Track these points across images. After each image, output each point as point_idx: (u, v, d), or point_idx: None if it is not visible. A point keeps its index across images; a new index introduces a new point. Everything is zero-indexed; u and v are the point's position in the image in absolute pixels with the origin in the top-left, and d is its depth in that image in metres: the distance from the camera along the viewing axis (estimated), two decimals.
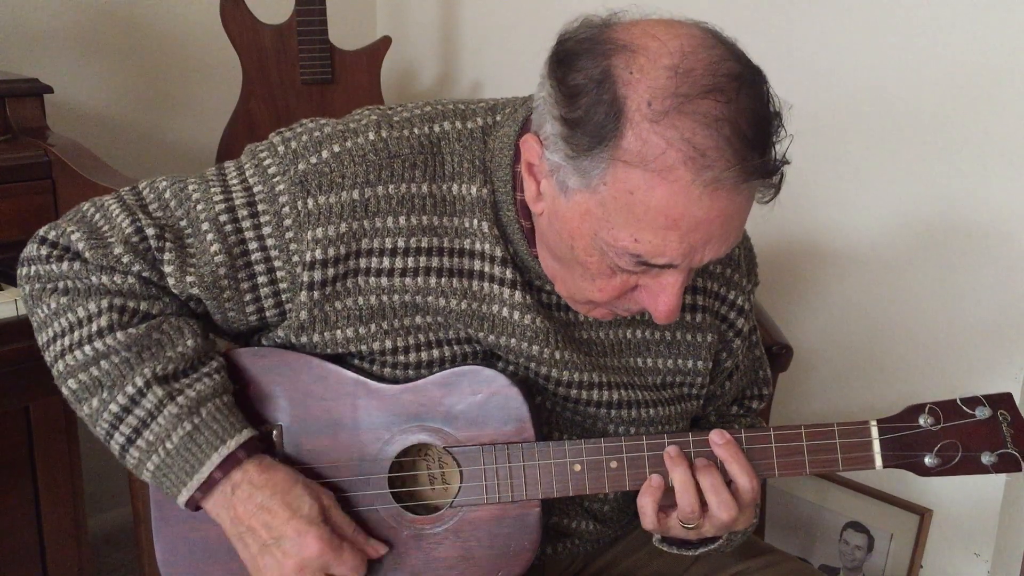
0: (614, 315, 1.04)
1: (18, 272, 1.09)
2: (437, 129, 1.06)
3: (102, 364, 1.02)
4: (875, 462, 1.03)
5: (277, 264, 1.05)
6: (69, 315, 1.04)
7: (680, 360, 1.16)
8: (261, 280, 1.06)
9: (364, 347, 1.06)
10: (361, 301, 1.05)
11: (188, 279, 1.04)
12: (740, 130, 0.87)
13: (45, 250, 1.06)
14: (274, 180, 1.04)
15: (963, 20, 1.68)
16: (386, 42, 2.29)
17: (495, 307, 1.06)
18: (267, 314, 1.08)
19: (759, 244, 1.25)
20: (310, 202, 1.03)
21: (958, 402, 1.03)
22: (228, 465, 1.01)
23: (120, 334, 1.03)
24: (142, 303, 1.05)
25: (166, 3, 2.26)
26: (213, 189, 1.06)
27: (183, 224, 1.05)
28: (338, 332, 1.06)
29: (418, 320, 1.07)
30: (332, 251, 1.03)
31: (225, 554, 1.07)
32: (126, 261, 1.03)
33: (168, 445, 1.01)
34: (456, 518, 1.07)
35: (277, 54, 2.18)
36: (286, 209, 1.03)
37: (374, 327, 1.06)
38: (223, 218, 1.04)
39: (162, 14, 2.26)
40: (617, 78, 0.88)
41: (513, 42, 2.40)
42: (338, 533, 1.03)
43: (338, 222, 1.03)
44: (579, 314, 1.10)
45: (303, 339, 1.07)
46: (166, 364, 1.03)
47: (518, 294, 1.06)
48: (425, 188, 1.04)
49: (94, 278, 1.04)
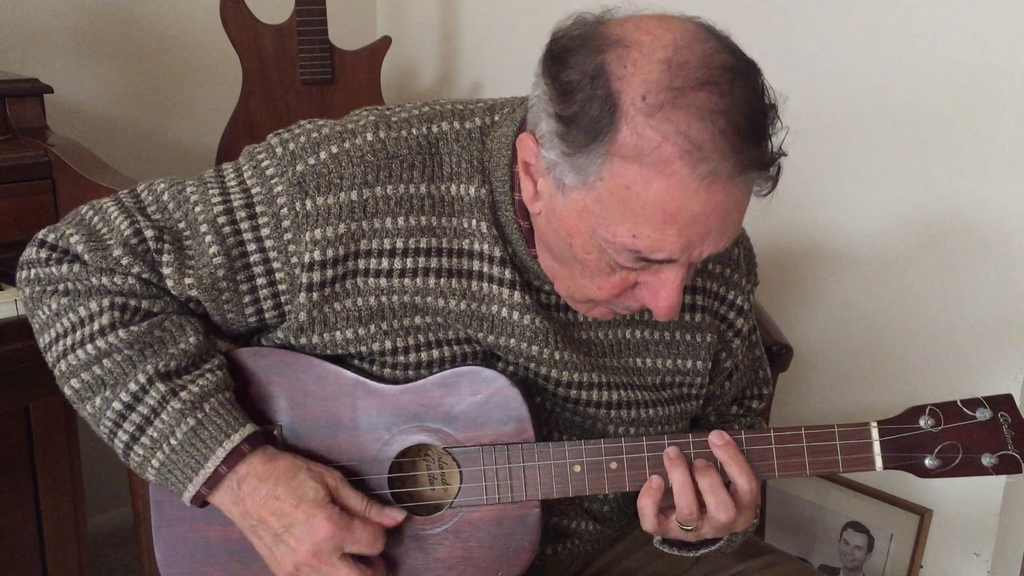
0: (614, 314, 1.04)
1: (17, 275, 1.09)
2: (435, 129, 1.06)
3: (104, 362, 1.02)
4: (875, 464, 1.03)
5: (276, 266, 1.05)
6: (71, 315, 1.04)
7: (679, 360, 1.16)
8: (260, 282, 1.06)
9: (364, 348, 1.06)
10: (360, 302, 1.05)
11: (187, 281, 1.04)
12: (735, 122, 0.87)
13: (44, 253, 1.06)
14: (272, 182, 1.04)
15: (963, 20, 1.68)
16: (386, 42, 2.28)
17: (494, 307, 1.06)
18: (266, 315, 1.08)
19: (759, 244, 1.25)
20: (308, 203, 1.03)
21: (958, 404, 1.03)
22: (233, 459, 1.01)
23: (122, 332, 1.03)
24: (143, 302, 1.05)
25: (166, 3, 2.26)
26: (211, 191, 1.06)
27: (181, 226, 1.05)
28: (337, 333, 1.06)
29: (417, 321, 1.07)
30: (331, 252, 1.03)
31: (224, 554, 1.07)
32: (125, 263, 1.03)
33: (172, 441, 1.01)
34: (456, 519, 1.07)
35: (277, 54, 2.18)
36: (284, 211, 1.03)
37: (373, 328, 1.06)
38: (221, 220, 1.04)
39: (162, 14, 2.26)
40: (611, 73, 0.88)
41: (513, 42, 2.40)
42: (348, 511, 1.03)
43: (336, 223, 1.03)
44: (578, 314, 1.10)
45: (302, 340, 1.07)
46: (168, 361, 1.03)
47: (517, 294, 1.06)
48: (424, 188, 1.04)
49: (94, 279, 1.04)
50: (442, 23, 2.57)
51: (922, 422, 1.03)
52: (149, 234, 1.04)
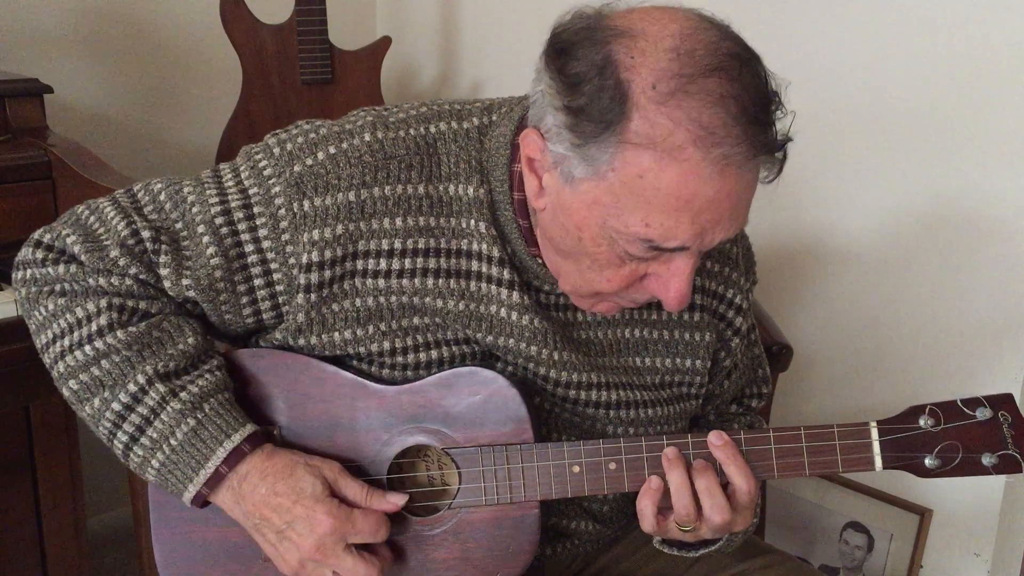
0: (619, 308, 1.04)
1: (13, 276, 1.09)
2: (433, 130, 1.06)
3: (103, 363, 1.02)
4: (875, 464, 1.03)
5: (273, 266, 1.05)
6: (68, 316, 1.04)
7: (679, 359, 1.16)
8: (257, 283, 1.06)
9: (362, 349, 1.06)
10: (359, 303, 1.05)
11: (184, 282, 1.04)
12: (745, 107, 0.87)
13: (40, 253, 1.06)
14: (270, 182, 1.04)
15: (963, 20, 1.68)
16: (386, 42, 2.28)
17: (493, 308, 1.06)
18: (264, 316, 1.08)
19: (758, 244, 1.25)
20: (306, 204, 1.02)
21: (958, 403, 1.03)
22: (234, 459, 1.01)
23: (120, 333, 1.03)
24: (141, 302, 1.05)
25: (166, 3, 2.26)
26: (209, 191, 1.06)
27: (179, 227, 1.05)
28: (336, 334, 1.06)
29: (416, 321, 1.07)
30: (329, 253, 1.03)
31: (223, 556, 1.07)
32: (122, 264, 1.03)
33: (172, 442, 1.01)
34: (455, 519, 1.07)
35: (277, 54, 2.18)
36: (282, 211, 1.03)
37: (372, 329, 1.06)
38: (219, 220, 1.04)
39: (162, 14, 2.26)
40: (619, 63, 0.89)
41: (513, 42, 2.40)
42: (348, 502, 1.03)
43: (334, 224, 1.03)
44: (578, 314, 1.10)
45: (300, 341, 1.06)
46: (167, 361, 1.03)
47: (516, 294, 1.06)
48: (422, 189, 1.04)
49: (91, 280, 1.04)
50: (442, 23, 2.57)
51: (922, 422, 1.03)
52: (146, 235, 1.04)
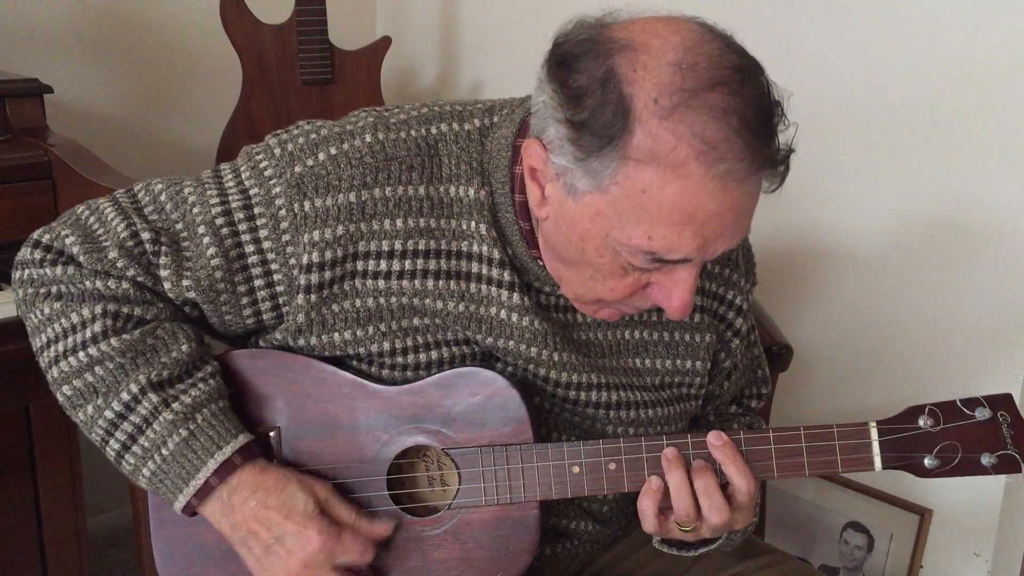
0: (621, 314, 1.04)
1: (12, 275, 1.08)
2: (434, 131, 1.06)
3: (96, 370, 1.02)
4: (874, 464, 1.03)
5: (274, 267, 1.05)
6: (63, 320, 1.04)
7: (678, 360, 1.16)
8: (258, 283, 1.05)
9: (362, 349, 1.06)
10: (359, 304, 1.05)
11: (184, 283, 1.04)
12: (748, 121, 0.87)
13: (39, 254, 1.06)
14: (270, 183, 1.04)
15: (963, 20, 1.68)
16: (386, 42, 2.28)
17: (493, 309, 1.06)
18: (264, 317, 1.08)
19: (759, 244, 1.25)
20: (307, 205, 1.02)
21: (958, 403, 1.03)
22: (224, 471, 1.01)
23: (114, 340, 1.02)
24: (136, 308, 1.05)
25: (166, 3, 2.26)
26: (209, 192, 1.06)
27: (179, 228, 1.05)
28: (336, 335, 1.06)
29: (416, 322, 1.07)
30: (329, 254, 1.03)
31: (223, 556, 1.07)
32: (121, 265, 1.03)
33: (164, 452, 1.01)
34: (455, 520, 1.07)
35: (277, 54, 2.18)
36: (283, 212, 1.03)
37: (372, 329, 1.06)
38: (219, 221, 1.04)
39: (162, 14, 2.26)
40: (622, 77, 0.88)
41: (513, 42, 2.40)
42: (338, 522, 1.03)
43: (335, 225, 1.03)
44: (578, 315, 1.10)
45: (300, 342, 1.06)
46: (160, 370, 1.03)
47: (516, 296, 1.06)
48: (422, 190, 1.04)
49: (88, 283, 1.04)
50: (442, 23, 2.57)
51: (921, 422, 1.03)
52: (146, 236, 1.04)
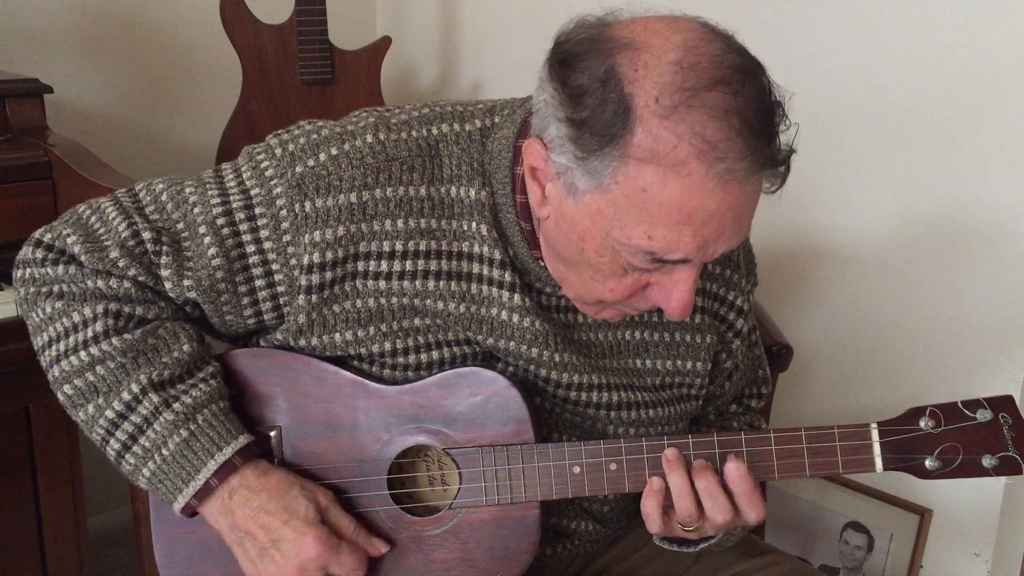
0: (623, 315, 1.04)
1: (13, 275, 1.08)
2: (435, 131, 1.06)
3: (97, 370, 1.02)
4: (875, 465, 1.03)
5: (275, 267, 1.05)
6: (64, 320, 1.04)
7: (679, 361, 1.16)
8: (259, 284, 1.05)
9: (363, 350, 1.06)
10: (359, 304, 1.05)
11: (185, 283, 1.04)
12: (748, 121, 0.87)
13: (40, 253, 1.06)
14: (271, 183, 1.04)
15: (963, 20, 1.68)
16: (386, 42, 2.28)
17: (493, 310, 1.06)
18: (265, 317, 1.08)
19: (759, 245, 1.25)
20: (307, 205, 1.02)
21: (959, 405, 1.03)
22: (224, 472, 1.01)
23: (115, 339, 1.02)
24: (137, 308, 1.05)
25: (166, 3, 2.26)
26: (210, 192, 1.06)
27: (180, 228, 1.05)
28: (336, 335, 1.06)
29: (417, 322, 1.07)
30: (330, 254, 1.03)
31: (223, 556, 1.07)
32: (122, 265, 1.03)
33: (164, 452, 1.01)
34: (455, 520, 1.07)
35: (277, 54, 2.18)
36: (283, 212, 1.03)
37: (372, 330, 1.06)
38: (220, 221, 1.04)
39: (162, 14, 2.26)
40: (622, 76, 0.88)
41: (513, 42, 2.40)
42: (337, 533, 1.03)
43: (336, 225, 1.03)
44: (578, 316, 1.10)
45: (301, 342, 1.06)
46: (162, 370, 1.03)
47: (517, 297, 1.06)
48: (423, 191, 1.04)
49: (89, 282, 1.04)
50: (442, 23, 2.57)
51: (922, 423, 1.03)
52: (147, 236, 1.04)
